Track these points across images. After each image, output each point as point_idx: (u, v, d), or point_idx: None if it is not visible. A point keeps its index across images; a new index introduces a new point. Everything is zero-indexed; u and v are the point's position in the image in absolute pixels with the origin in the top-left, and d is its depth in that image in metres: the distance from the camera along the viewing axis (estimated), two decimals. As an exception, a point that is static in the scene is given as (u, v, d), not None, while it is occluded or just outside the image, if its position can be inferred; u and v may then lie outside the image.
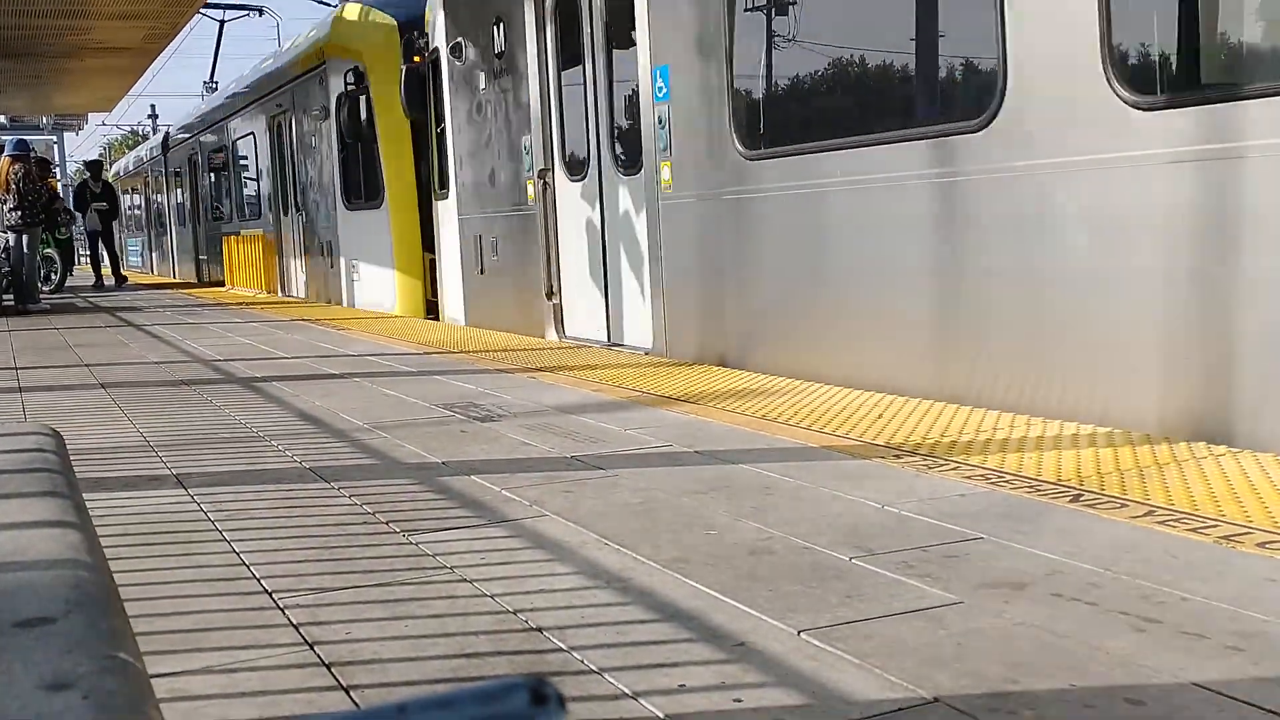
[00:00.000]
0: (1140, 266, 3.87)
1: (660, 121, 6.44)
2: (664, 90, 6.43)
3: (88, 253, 22.71)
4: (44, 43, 14.63)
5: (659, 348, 6.62)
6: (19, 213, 13.29)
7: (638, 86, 6.81)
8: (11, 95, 19.78)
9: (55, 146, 30.29)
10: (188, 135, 21.01)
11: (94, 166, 20.78)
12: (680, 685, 1.99)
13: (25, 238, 13.46)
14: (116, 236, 22.13)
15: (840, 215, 5.31)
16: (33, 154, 14.61)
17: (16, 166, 13.33)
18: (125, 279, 19.35)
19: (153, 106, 51.31)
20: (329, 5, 17.12)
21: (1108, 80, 3.85)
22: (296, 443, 4.40)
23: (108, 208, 19.43)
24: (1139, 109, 3.78)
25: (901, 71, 5.28)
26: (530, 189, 8.16)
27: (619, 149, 7.24)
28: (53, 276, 17.67)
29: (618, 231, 7.27)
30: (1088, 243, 4.06)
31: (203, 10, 19.82)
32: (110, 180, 23.46)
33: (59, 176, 20.92)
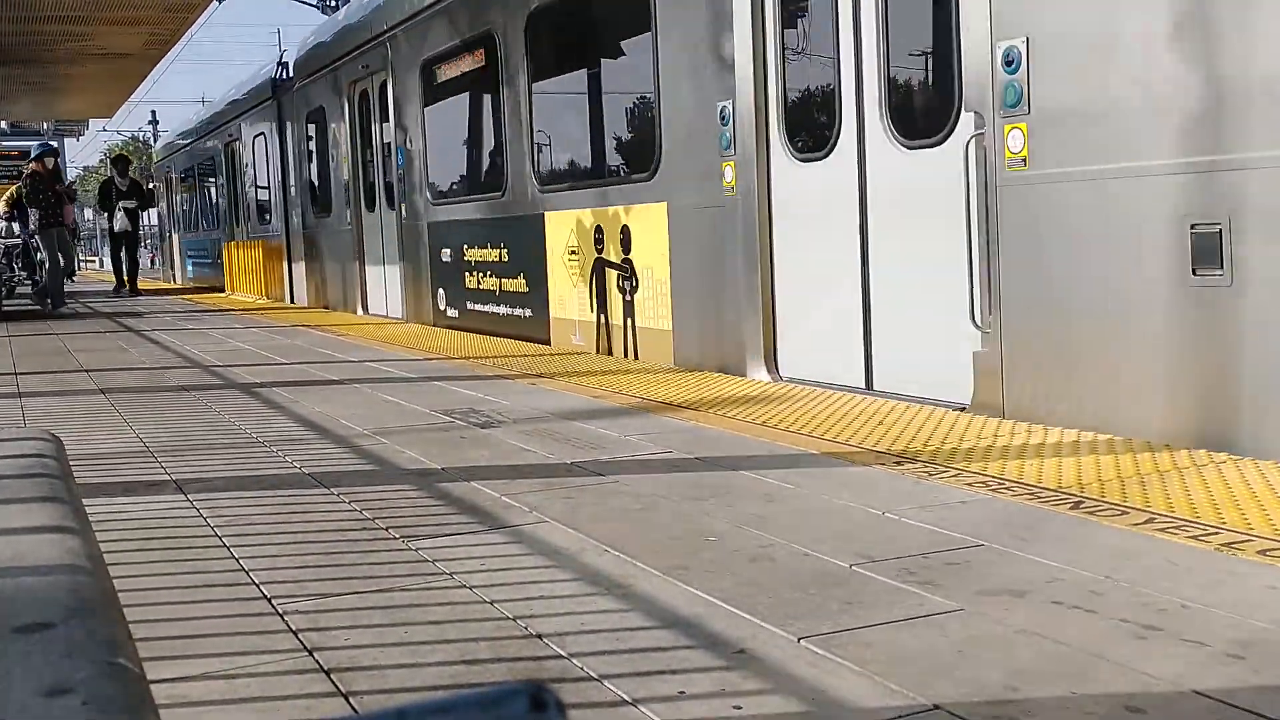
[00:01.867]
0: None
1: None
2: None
3: (88, 256, 21.92)
4: (45, 48, 14.65)
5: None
6: (35, 213, 13.16)
7: None
8: (13, 101, 19.81)
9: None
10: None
11: (120, 162, 19.06)
12: (680, 692, 1.99)
13: (42, 239, 13.30)
14: (145, 240, 21.41)
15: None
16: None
17: (31, 165, 13.34)
18: (140, 292, 17.55)
19: (153, 113, 51.48)
20: (330, 5, 17.09)
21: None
22: (296, 448, 4.39)
23: (136, 205, 17.83)
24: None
25: None
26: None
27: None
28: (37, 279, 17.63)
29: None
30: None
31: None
32: (136, 177, 22.23)
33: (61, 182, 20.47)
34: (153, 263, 34.37)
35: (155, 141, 48.99)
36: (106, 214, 17.90)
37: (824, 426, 4.41)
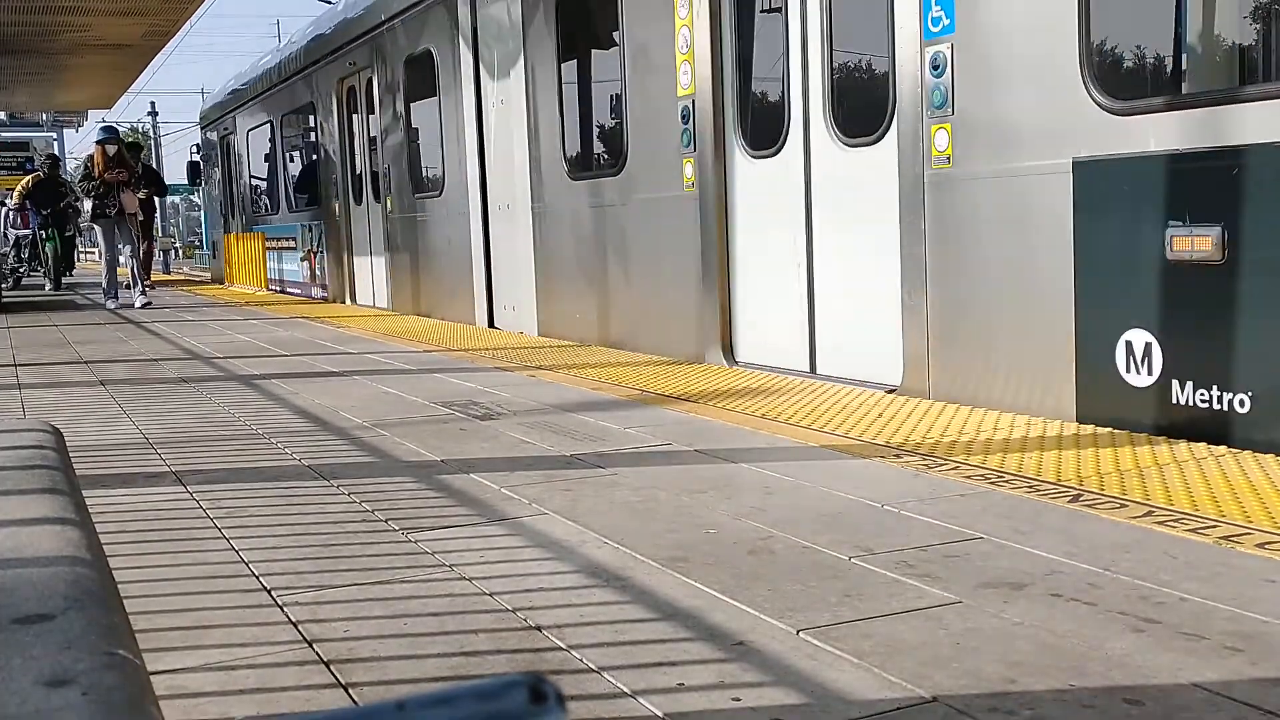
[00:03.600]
0: None
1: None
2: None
3: (87, 248, 21.34)
4: (44, 39, 14.62)
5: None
6: (90, 201, 12.44)
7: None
8: (11, 92, 19.77)
9: (55, 143, 30.26)
10: None
11: (133, 149, 17.97)
12: (679, 684, 1.99)
13: (101, 231, 12.61)
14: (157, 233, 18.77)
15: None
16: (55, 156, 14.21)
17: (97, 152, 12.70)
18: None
19: (153, 104, 51.39)
20: (330, 3, 16.74)
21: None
22: (296, 440, 4.39)
23: (147, 195, 16.81)
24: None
25: None
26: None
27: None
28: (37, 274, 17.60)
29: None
30: None
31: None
32: (149, 164, 21.26)
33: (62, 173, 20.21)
34: (175, 254, 32.88)
35: (154, 132, 48.79)
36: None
37: (823, 419, 4.42)
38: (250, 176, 17.16)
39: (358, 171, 12.33)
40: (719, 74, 6.16)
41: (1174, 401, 3.86)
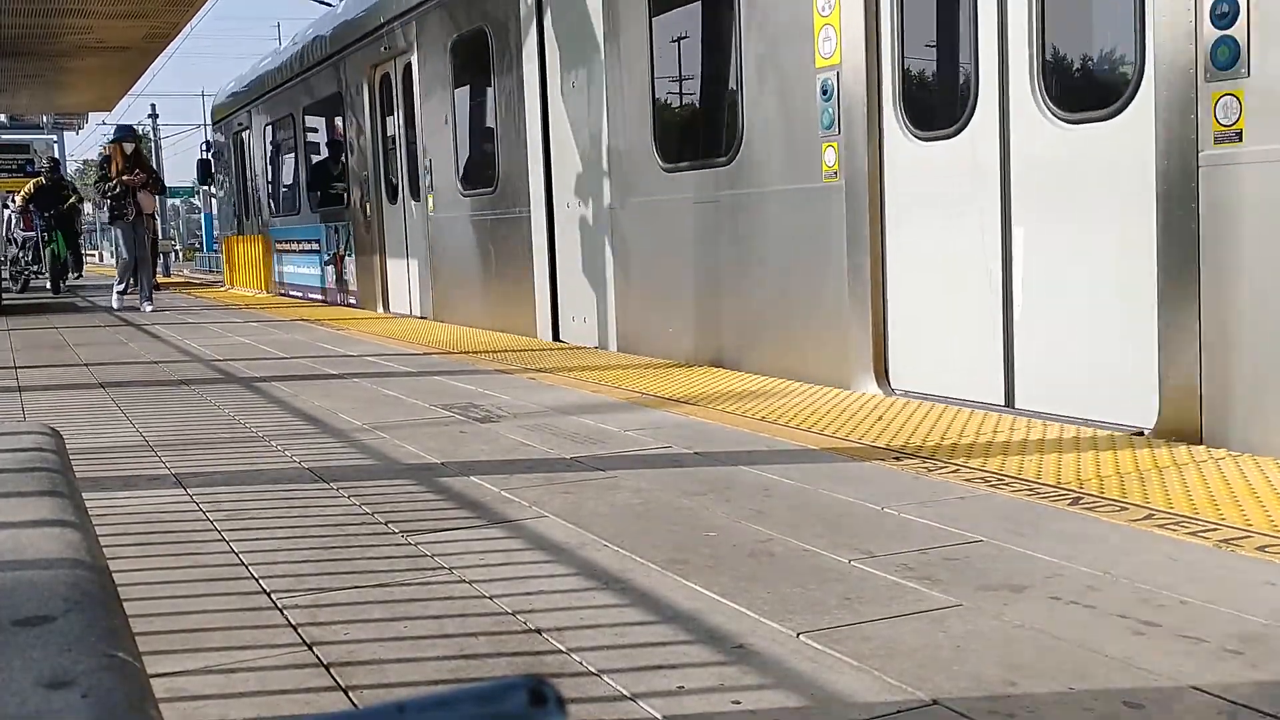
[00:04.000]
0: None
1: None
2: None
3: (87, 251, 21.01)
4: (45, 42, 14.62)
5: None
6: (109, 202, 12.04)
7: None
8: (12, 94, 19.78)
9: (56, 145, 30.26)
10: None
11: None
12: (679, 687, 1.99)
13: (121, 234, 12.22)
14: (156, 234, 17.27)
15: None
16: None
17: (106, 149, 12.41)
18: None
19: (153, 106, 51.36)
20: (329, 5, 16.56)
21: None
22: (295, 443, 4.39)
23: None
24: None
25: None
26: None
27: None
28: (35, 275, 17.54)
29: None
30: None
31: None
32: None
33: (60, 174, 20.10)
34: (175, 257, 32.48)
35: (155, 134, 48.79)
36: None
37: (823, 422, 4.42)
38: (268, 175, 16.16)
39: (393, 167, 11.22)
40: (873, 39, 5.05)
41: None
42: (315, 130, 14.16)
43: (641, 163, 6.85)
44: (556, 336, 8.09)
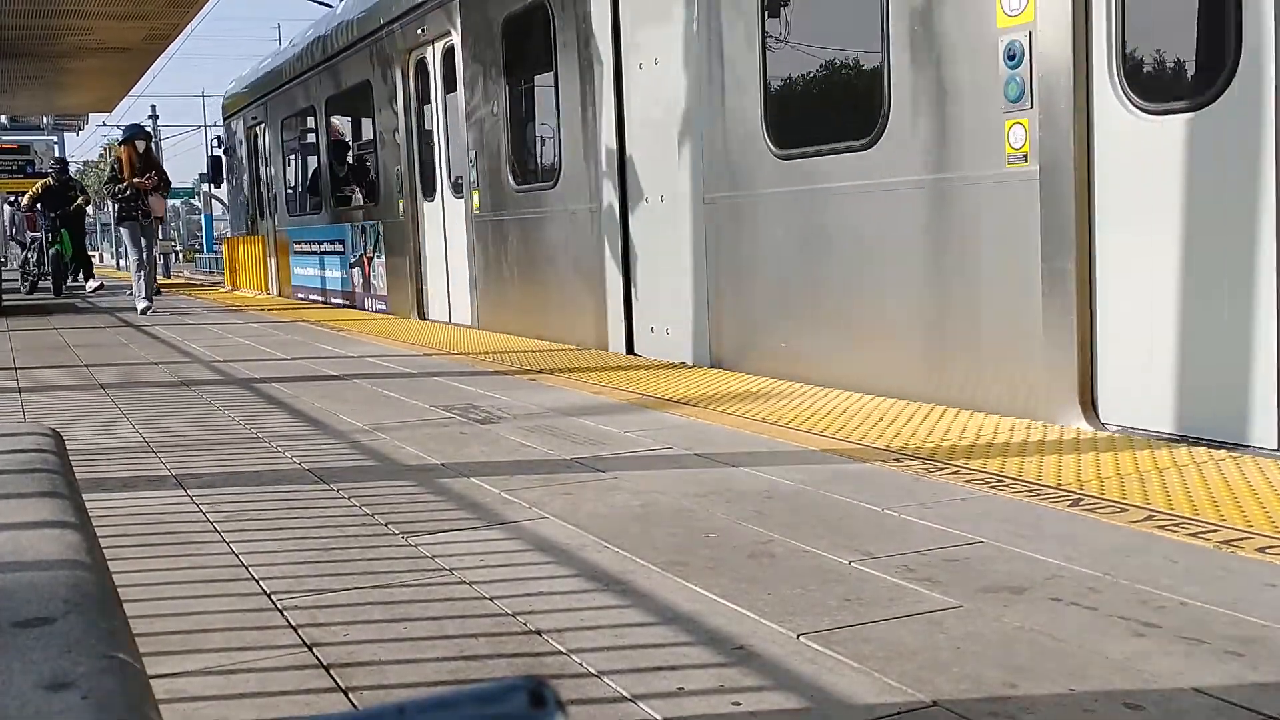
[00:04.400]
0: None
1: None
2: None
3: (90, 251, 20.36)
4: (45, 43, 14.63)
5: None
6: (118, 203, 11.82)
7: None
8: (12, 95, 19.80)
9: (55, 146, 30.27)
10: None
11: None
12: (679, 688, 1.99)
13: (127, 233, 11.87)
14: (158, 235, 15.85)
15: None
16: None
17: (118, 150, 12.11)
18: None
19: (153, 107, 51.28)
20: (328, 5, 16.35)
21: None
22: (296, 444, 4.39)
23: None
24: None
25: None
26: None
27: None
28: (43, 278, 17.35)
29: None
30: None
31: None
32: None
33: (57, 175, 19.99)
34: (175, 258, 31.96)
35: (157, 132, 48.79)
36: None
37: (823, 423, 4.42)
38: (285, 171, 15.18)
39: (431, 161, 10.11)
40: None
41: None
42: (340, 123, 13.25)
43: (747, 148, 5.80)
44: (631, 349, 7.04)
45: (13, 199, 23.83)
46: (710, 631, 2.25)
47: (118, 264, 22.39)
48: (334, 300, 13.12)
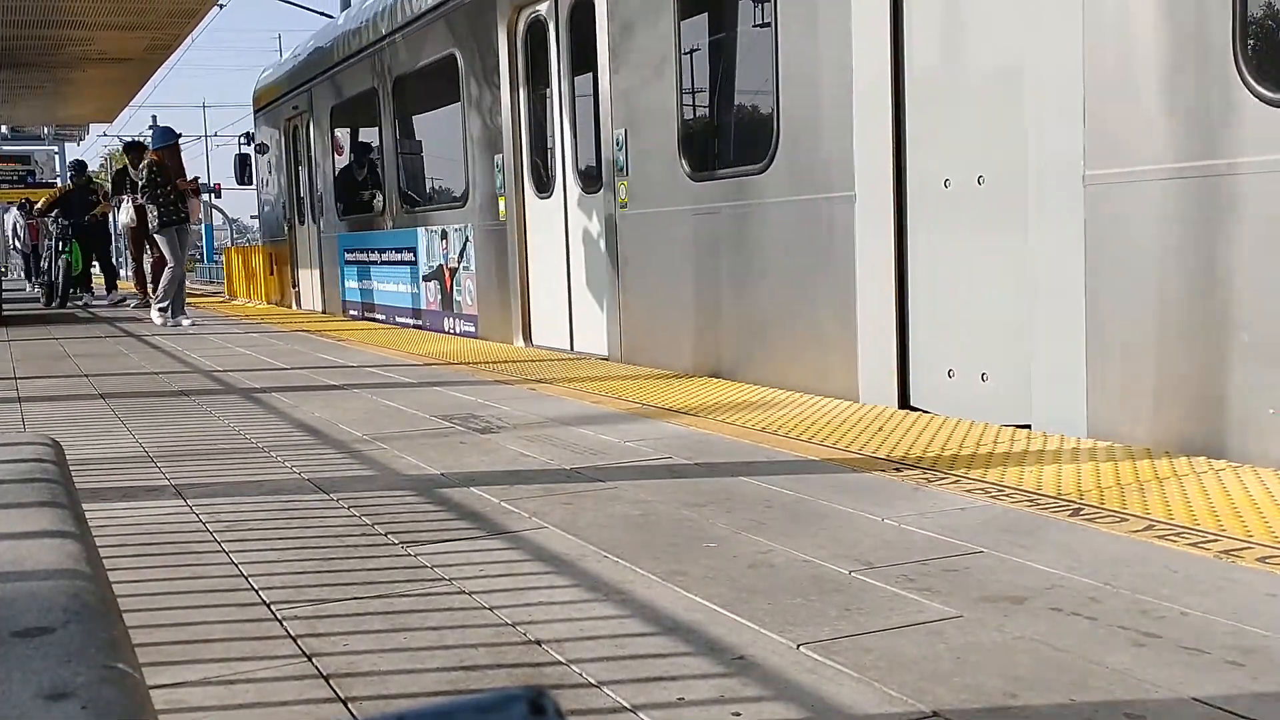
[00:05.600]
0: None
1: None
2: None
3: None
4: (47, 53, 14.67)
5: None
6: (154, 210, 11.31)
7: None
8: (13, 105, 19.85)
9: (56, 157, 30.33)
10: None
11: (135, 149, 15.64)
12: (679, 698, 1.99)
13: (163, 240, 11.40)
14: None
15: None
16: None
17: (150, 154, 11.66)
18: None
19: (154, 117, 51.42)
20: (327, 15, 16.30)
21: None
22: (295, 454, 4.39)
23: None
24: None
25: None
26: None
27: None
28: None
29: None
30: None
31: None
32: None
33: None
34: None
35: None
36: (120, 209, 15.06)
37: (823, 433, 4.41)
38: (336, 167, 13.11)
39: (548, 146, 8.22)
40: None
41: None
42: (411, 107, 10.94)
43: (1205, 94, 3.64)
44: (906, 402, 4.98)
45: (23, 204, 23.25)
46: (710, 641, 2.25)
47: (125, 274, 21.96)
48: (399, 320, 11.09)
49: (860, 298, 5.15)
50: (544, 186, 8.26)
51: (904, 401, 4.98)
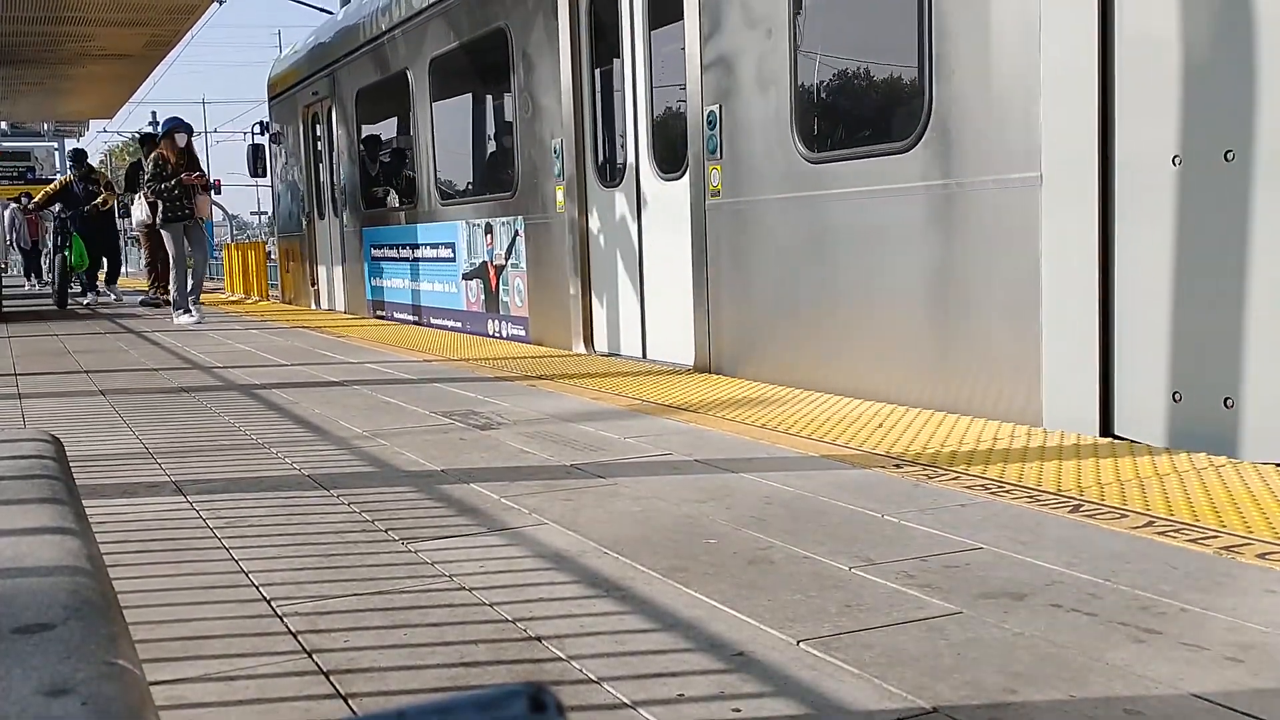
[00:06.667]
0: None
1: None
2: None
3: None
4: (46, 50, 14.67)
5: None
6: (162, 202, 11.05)
7: None
8: (14, 101, 19.85)
9: (56, 153, 30.32)
10: None
11: (149, 142, 14.61)
12: (679, 695, 1.99)
13: (169, 235, 11.23)
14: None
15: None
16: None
17: (160, 148, 11.35)
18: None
19: (154, 113, 51.36)
20: (327, 11, 16.29)
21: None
22: (295, 450, 4.39)
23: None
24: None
25: None
26: None
27: None
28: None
29: None
30: None
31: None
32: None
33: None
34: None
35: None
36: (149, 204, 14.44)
37: (823, 429, 4.41)
38: (363, 156, 12.17)
39: (616, 132, 7.34)
40: None
41: None
42: (448, 89, 10.06)
43: None
44: (1108, 428, 4.10)
45: (21, 199, 23.02)
46: (710, 638, 2.25)
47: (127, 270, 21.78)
48: (434, 321, 10.22)
49: (1045, 301, 4.21)
50: (612, 173, 7.32)
51: (1105, 428, 4.09)
